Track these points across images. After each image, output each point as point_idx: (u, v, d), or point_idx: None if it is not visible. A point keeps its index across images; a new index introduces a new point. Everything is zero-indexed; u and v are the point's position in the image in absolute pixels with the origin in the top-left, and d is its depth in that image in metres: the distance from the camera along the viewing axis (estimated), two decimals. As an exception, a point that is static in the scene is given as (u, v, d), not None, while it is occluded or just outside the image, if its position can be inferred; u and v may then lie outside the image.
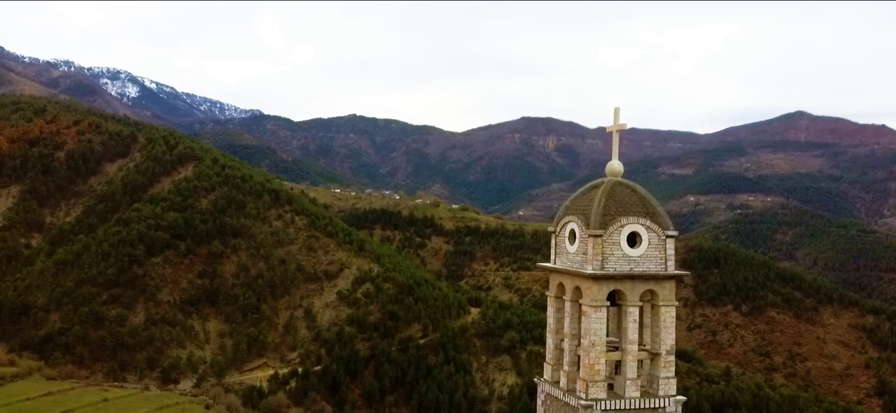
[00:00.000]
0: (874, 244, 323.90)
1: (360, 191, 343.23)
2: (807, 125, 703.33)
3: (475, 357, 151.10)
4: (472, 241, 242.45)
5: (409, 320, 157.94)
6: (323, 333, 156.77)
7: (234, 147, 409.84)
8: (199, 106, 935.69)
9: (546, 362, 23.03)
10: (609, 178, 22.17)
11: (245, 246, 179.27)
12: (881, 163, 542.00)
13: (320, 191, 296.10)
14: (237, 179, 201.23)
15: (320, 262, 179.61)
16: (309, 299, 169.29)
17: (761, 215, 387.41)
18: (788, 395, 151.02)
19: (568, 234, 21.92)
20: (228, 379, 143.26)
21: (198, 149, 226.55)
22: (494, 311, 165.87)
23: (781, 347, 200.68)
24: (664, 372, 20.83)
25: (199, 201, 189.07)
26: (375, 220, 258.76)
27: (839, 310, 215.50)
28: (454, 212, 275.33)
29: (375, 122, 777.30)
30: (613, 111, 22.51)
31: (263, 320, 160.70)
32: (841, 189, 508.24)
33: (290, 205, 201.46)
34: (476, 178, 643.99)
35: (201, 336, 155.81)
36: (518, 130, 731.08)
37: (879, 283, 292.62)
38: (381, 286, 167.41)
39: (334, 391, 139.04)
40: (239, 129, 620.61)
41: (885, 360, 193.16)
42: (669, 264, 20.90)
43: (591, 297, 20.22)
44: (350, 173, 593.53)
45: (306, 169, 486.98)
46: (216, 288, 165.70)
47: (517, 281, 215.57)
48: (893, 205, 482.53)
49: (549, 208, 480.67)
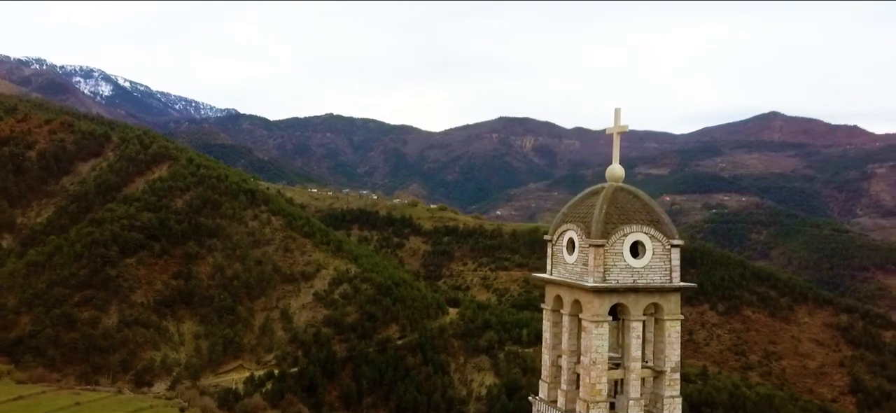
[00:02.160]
0: (847, 243, 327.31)
1: (338, 191, 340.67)
2: (781, 126, 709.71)
3: (453, 358, 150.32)
4: (450, 241, 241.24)
5: (387, 321, 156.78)
6: (300, 335, 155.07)
7: (210, 146, 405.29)
8: (175, 105, 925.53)
9: (542, 380, 21.55)
10: (610, 183, 20.86)
11: (221, 246, 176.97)
12: (853, 163, 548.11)
13: (297, 191, 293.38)
14: (213, 179, 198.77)
15: (297, 263, 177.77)
16: (285, 300, 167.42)
17: (736, 215, 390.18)
18: (765, 394, 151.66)
19: (566, 243, 20.58)
20: (204, 381, 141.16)
21: (173, 148, 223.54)
22: (473, 311, 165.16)
23: (757, 346, 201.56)
24: (669, 390, 19.57)
25: (174, 201, 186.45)
26: (353, 220, 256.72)
27: (813, 309, 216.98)
28: (432, 212, 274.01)
29: (353, 122, 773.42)
30: (614, 112, 21.23)
31: (239, 322, 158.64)
32: (814, 189, 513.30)
33: (266, 205, 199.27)
34: (454, 177, 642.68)
35: (176, 338, 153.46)
36: (496, 130, 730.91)
37: (852, 282, 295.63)
38: (358, 287, 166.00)
39: (311, 393, 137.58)
40: (215, 129, 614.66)
41: (858, 359, 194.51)
42: (675, 275, 19.66)
43: (593, 312, 18.90)
44: (327, 173, 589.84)
45: (283, 168, 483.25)
46: (191, 289, 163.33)
47: (495, 281, 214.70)
48: (866, 204, 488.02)
49: (527, 208, 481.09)
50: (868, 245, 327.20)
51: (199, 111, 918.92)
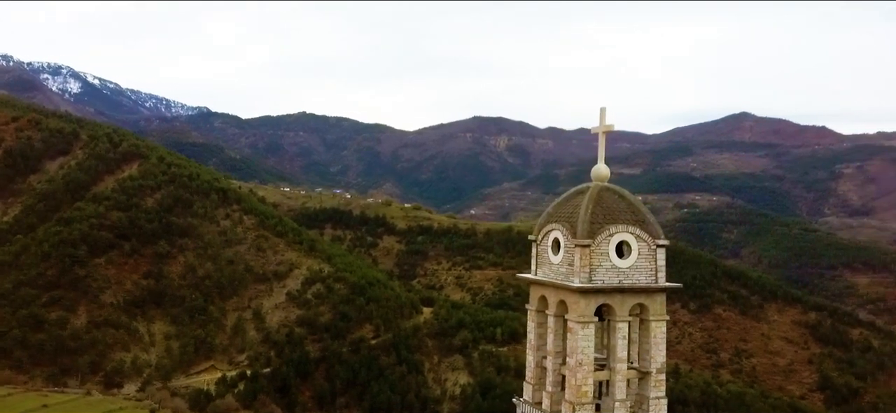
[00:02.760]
0: (815, 242, 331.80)
1: (311, 190, 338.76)
2: (751, 126, 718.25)
3: (427, 357, 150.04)
4: (424, 240, 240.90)
5: (361, 321, 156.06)
6: (272, 335, 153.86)
7: (181, 145, 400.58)
8: (145, 102, 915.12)
9: (526, 381, 21.20)
10: (595, 182, 20.56)
11: (192, 246, 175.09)
12: (822, 163, 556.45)
13: (269, 190, 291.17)
14: (184, 178, 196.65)
15: (269, 263, 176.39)
16: (258, 300, 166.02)
17: (708, 214, 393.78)
18: (736, 392, 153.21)
19: (551, 244, 20.24)
20: (175, 382, 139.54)
21: (143, 146, 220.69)
22: (447, 310, 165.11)
23: (728, 344, 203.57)
24: (654, 392, 19.40)
25: (144, 200, 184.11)
26: (326, 219, 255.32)
27: (783, 307, 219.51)
28: (406, 211, 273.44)
29: (326, 120, 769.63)
30: (599, 111, 20.91)
31: (211, 322, 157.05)
32: (784, 188, 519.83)
33: (238, 204, 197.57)
34: (428, 176, 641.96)
35: (146, 338, 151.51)
36: (470, 130, 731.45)
37: (820, 280, 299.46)
38: (332, 286, 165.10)
39: (284, 393, 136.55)
40: (186, 127, 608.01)
41: (826, 356, 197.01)
42: (660, 276, 19.48)
43: (579, 313, 18.62)
44: (300, 172, 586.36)
45: (255, 167, 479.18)
46: (162, 289, 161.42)
47: (470, 280, 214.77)
48: (834, 204, 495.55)
49: (501, 207, 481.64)
50: (836, 244, 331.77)
51: (170, 109, 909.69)
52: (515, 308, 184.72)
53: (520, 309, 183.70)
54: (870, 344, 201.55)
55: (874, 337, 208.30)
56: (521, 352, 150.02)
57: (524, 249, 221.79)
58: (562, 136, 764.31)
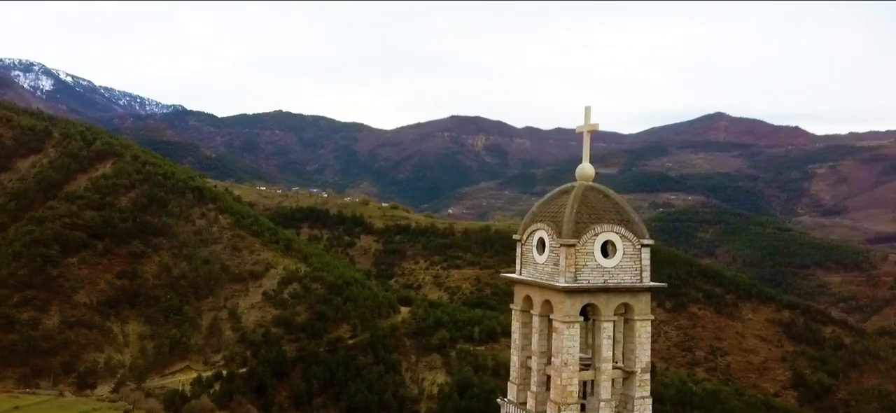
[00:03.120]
0: (789, 241, 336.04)
1: (287, 189, 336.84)
2: (726, 126, 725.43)
3: (405, 357, 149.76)
4: (402, 239, 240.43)
5: (338, 320, 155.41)
6: (248, 335, 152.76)
7: (156, 143, 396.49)
8: (119, 100, 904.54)
9: (510, 381, 21.14)
10: (580, 182, 20.46)
11: (167, 245, 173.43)
12: (795, 163, 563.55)
13: (245, 189, 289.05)
14: (159, 177, 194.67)
15: (245, 262, 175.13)
16: (234, 300, 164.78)
17: (683, 214, 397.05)
18: (711, 389, 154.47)
19: (536, 243, 20.14)
20: (149, 383, 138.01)
21: (117, 144, 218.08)
22: (425, 309, 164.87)
23: (703, 342, 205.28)
24: (639, 391, 19.35)
25: (118, 199, 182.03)
26: (303, 218, 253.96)
27: (757, 305, 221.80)
28: (384, 210, 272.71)
29: (303, 119, 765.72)
30: (584, 110, 20.76)
31: (186, 322, 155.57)
32: (758, 188, 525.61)
33: (214, 203, 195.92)
34: (406, 176, 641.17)
35: (120, 339, 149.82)
36: (448, 129, 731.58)
37: (794, 279, 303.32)
38: (308, 286, 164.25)
39: (261, 394, 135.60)
40: (161, 125, 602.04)
41: (799, 354, 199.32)
42: (645, 275, 19.41)
43: (564, 313, 18.52)
44: (276, 171, 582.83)
45: (231, 166, 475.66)
46: (136, 289, 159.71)
47: (447, 279, 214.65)
48: (807, 203, 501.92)
49: (478, 207, 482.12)
50: (809, 243, 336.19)
51: (145, 107, 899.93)
52: (493, 307, 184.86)
53: (498, 308, 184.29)
54: (842, 342, 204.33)
55: (846, 335, 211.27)
56: (498, 351, 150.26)
57: (502, 249, 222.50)
58: (539, 136, 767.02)
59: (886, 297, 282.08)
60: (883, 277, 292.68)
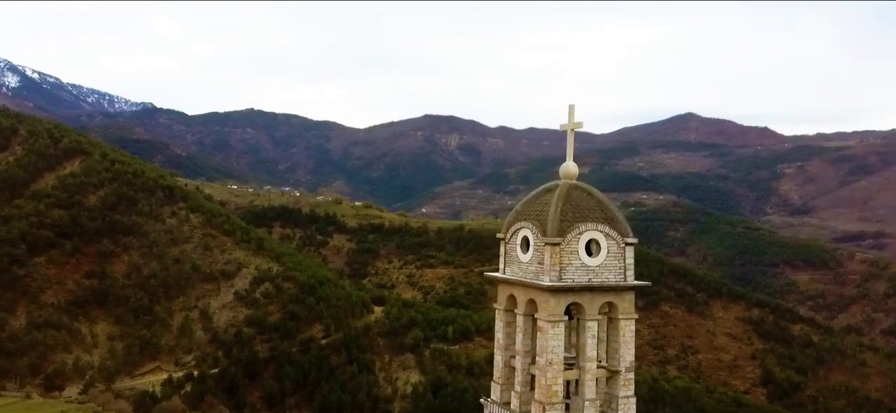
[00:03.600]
0: (758, 240, 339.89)
1: (259, 187, 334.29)
2: (697, 126, 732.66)
3: (379, 356, 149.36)
4: (375, 238, 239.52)
5: (311, 320, 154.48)
6: (220, 335, 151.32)
7: (125, 141, 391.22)
8: (87, 98, 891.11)
9: (494, 381, 20.94)
10: (564, 180, 20.32)
11: (137, 245, 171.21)
12: (764, 163, 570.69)
13: (216, 187, 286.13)
14: (128, 175, 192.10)
15: (217, 262, 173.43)
16: (205, 300, 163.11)
17: (654, 213, 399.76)
18: (682, 387, 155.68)
19: (520, 242, 19.96)
20: (119, 384, 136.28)
21: (85, 142, 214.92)
22: (398, 309, 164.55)
23: (675, 341, 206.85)
24: (623, 391, 19.31)
25: (87, 198, 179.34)
26: (275, 217, 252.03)
27: (728, 303, 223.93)
28: (357, 209, 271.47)
29: (274, 117, 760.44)
30: (568, 108, 20.65)
31: (157, 322, 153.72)
32: (728, 188, 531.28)
33: (184, 202, 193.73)
34: (379, 174, 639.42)
35: (89, 339, 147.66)
36: (421, 128, 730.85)
37: (763, 277, 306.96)
38: (281, 286, 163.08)
39: (232, 394, 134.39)
40: (130, 123, 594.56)
41: (769, 351, 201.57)
42: (629, 274, 19.36)
43: (549, 312, 18.36)
44: (248, 169, 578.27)
45: (202, 164, 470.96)
46: (105, 289, 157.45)
47: (421, 279, 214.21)
48: (775, 203, 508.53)
49: (452, 206, 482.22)
50: (778, 242, 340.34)
51: (114, 104, 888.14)
52: (467, 306, 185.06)
53: (471, 307, 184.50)
54: (810, 339, 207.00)
55: (814, 332, 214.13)
56: (472, 350, 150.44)
57: (475, 248, 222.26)
58: (512, 136, 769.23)
59: (853, 296, 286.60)
60: (849, 276, 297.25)
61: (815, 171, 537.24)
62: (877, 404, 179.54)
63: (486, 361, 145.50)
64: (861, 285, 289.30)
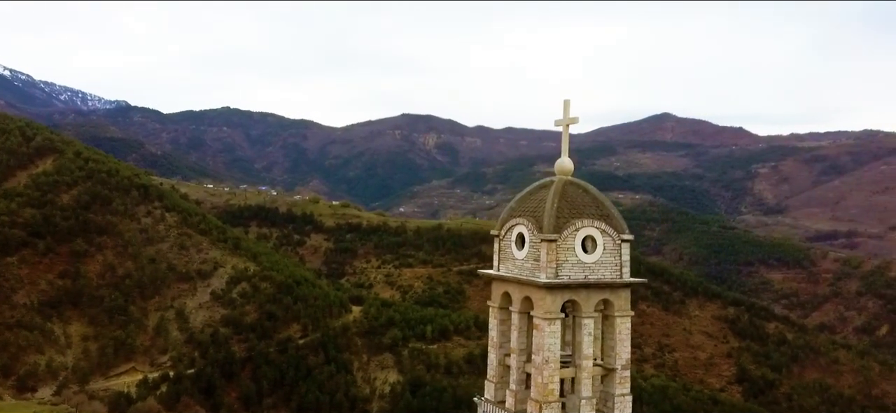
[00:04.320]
0: (733, 239, 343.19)
1: (235, 186, 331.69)
2: (672, 126, 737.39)
3: (357, 356, 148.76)
4: (353, 238, 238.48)
5: (288, 320, 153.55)
6: (196, 335, 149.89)
7: (99, 139, 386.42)
8: (59, 95, 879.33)
9: (488, 380, 20.63)
10: (559, 176, 20.10)
11: (111, 244, 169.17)
12: (739, 163, 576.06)
13: (192, 186, 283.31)
14: (102, 174, 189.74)
15: (193, 261, 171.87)
16: (181, 300, 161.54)
17: (631, 212, 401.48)
18: (659, 385, 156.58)
19: (515, 239, 19.69)
20: (93, 385, 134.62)
21: (58, 141, 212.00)
22: (376, 309, 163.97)
23: (651, 339, 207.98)
24: (620, 389, 19.06)
25: (59, 197, 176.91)
26: (251, 216, 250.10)
27: (703, 302, 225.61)
28: (335, 208, 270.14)
29: (250, 116, 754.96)
30: (563, 103, 20.46)
31: (131, 322, 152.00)
32: (703, 187, 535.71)
33: (160, 201, 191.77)
34: (356, 174, 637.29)
35: (62, 340, 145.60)
36: (399, 127, 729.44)
37: (738, 276, 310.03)
38: (258, 285, 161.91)
39: (209, 395, 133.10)
40: (103, 121, 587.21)
41: (744, 349, 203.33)
42: (625, 271, 19.14)
43: (545, 309, 18.10)
44: (223, 168, 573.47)
45: (177, 163, 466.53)
46: (79, 289, 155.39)
47: (400, 278, 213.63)
48: (750, 202, 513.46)
49: (430, 205, 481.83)
50: (752, 241, 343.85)
51: (87, 103, 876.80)
52: (445, 305, 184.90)
53: (450, 306, 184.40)
54: (785, 337, 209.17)
55: (788, 330, 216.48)
56: (450, 349, 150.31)
57: (454, 247, 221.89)
58: (490, 135, 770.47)
59: (826, 294, 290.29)
60: (822, 274, 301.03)
61: (788, 171, 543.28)
62: (849, 401, 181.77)
63: (465, 361, 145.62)
64: (834, 284, 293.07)
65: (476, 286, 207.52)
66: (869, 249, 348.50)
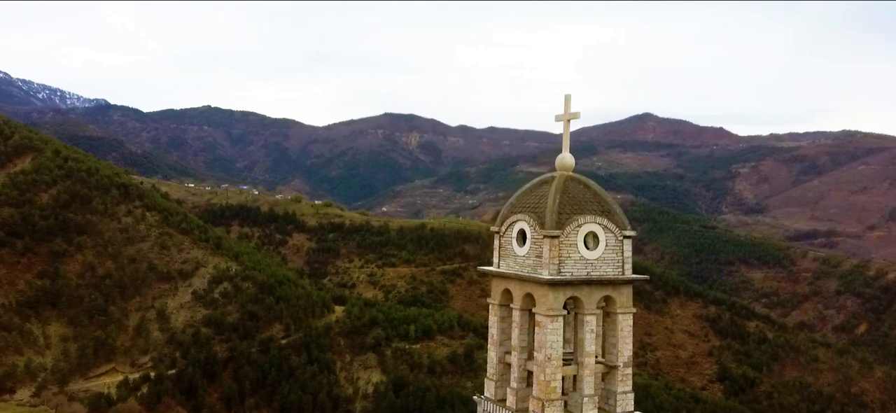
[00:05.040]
0: (714, 239, 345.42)
1: (216, 186, 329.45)
2: (654, 126, 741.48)
3: (339, 356, 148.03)
4: (335, 237, 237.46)
5: (271, 320, 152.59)
6: (178, 335, 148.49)
7: (78, 138, 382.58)
8: (38, 93, 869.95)
9: (488, 378, 20.34)
10: (559, 172, 19.88)
11: (91, 244, 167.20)
12: (719, 163, 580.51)
13: (173, 185, 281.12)
14: (82, 173, 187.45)
15: (174, 261, 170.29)
16: (162, 300, 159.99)
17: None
18: (641, 384, 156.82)
19: (516, 235, 19.44)
20: (73, 386, 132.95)
21: (37, 139, 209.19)
22: (359, 308, 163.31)
23: (634, 338, 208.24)
24: (621, 386, 18.91)
25: (38, 196, 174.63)
26: (233, 216, 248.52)
27: (685, 301, 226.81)
28: (317, 208, 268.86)
29: (232, 115, 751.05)
30: (564, 98, 20.25)
31: (112, 323, 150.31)
32: (684, 187, 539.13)
33: (140, 200, 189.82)
34: (338, 173, 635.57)
35: (41, 341, 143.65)
36: (381, 126, 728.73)
37: (719, 275, 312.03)
38: (239, 285, 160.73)
39: (190, 395, 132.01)
40: (82, 120, 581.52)
41: (725, 348, 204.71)
42: (627, 267, 18.97)
43: (548, 306, 17.86)
44: (204, 167, 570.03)
45: (157, 162, 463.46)
46: (58, 289, 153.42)
47: (382, 277, 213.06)
48: (730, 202, 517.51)
49: (412, 204, 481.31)
50: (733, 240, 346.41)
51: (66, 101, 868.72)
52: (428, 305, 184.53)
53: (433, 306, 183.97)
54: (765, 336, 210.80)
55: (769, 329, 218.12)
56: (434, 349, 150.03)
57: (437, 246, 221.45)
58: (472, 135, 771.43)
59: (805, 293, 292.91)
60: (802, 273, 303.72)
61: (768, 170, 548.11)
62: (828, 399, 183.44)
63: (448, 360, 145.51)
64: (813, 283, 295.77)
65: (459, 286, 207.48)
66: (847, 249, 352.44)
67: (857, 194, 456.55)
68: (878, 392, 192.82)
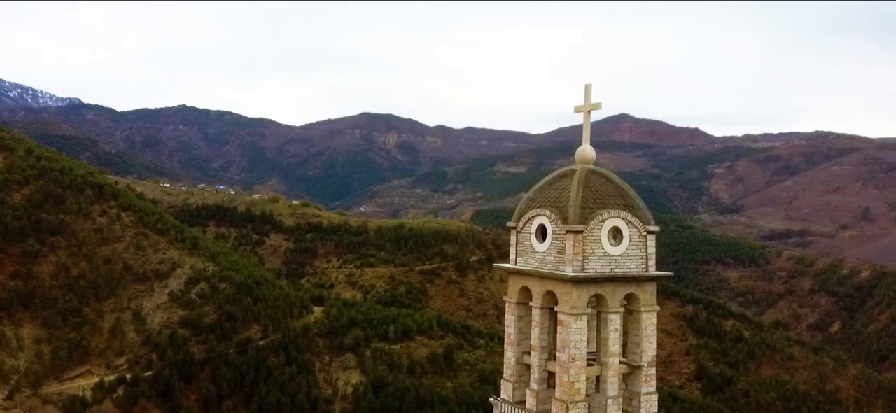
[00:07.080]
0: (690, 238, 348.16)
1: (192, 186, 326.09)
2: (630, 127, 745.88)
3: (318, 357, 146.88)
4: (313, 237, 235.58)
5: (248, 321, 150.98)
6: (154, 337, 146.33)
7: (50, 137, 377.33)
8: (9, 92, 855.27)
9: (505, 379, 19.58)
10: (580, 165, 19.24)
11: (65, 244, 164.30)
12: (695, 163, 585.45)
13: (148, 185, 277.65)
14: (55, 172, 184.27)
15: (150, 261, 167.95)
16: (137, 301, 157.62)
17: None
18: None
19: (536, 231, 18.66)
20: (46, 389, 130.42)
21: (8, 138, 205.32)
22: (338, 309, 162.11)
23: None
24: (645, 387, 18.33)
25: (10, 195, 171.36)
26: (209, 216, 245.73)
27: (662, 300, 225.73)
28: (294, 208, 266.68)
29: (207, 114, 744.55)
30: (584, 88, 19.60)
31: (86, 324, 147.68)
32: (660, 187, 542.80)
33: (115, 199, 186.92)
34: (315, 173, 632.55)
35: (14, 343, 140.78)
36: (358, 126, 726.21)
37: (696, 274, 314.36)
38: (216, 286, 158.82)
39: (167, 397, 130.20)
40: (55, 119, 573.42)
41: (702, 347, 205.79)
42: (651, 264, 18.41)
43: (571, 304, 17.14)
44: (180, 167, 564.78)
45: (132, 162, 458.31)
46: (31, 290, 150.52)
47: (361, 278, 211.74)
48: (706, 202, 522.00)
49: (390, 205, 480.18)
50: (709, 240, 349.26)
51: (38, 99, 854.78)
52: (408, 305, 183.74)
53: (412, 306, 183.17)
54: (741, 334, 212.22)
55: (745, 328, 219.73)
56: (413, 349, 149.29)
57: (416, 246, 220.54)
58: (450, 135, 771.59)
59: (780, 292, 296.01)
60: (777, 272, 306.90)
61: (743, 171, 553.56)
62: (804, 397, 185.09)
63: (428, 360, 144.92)
64: (788, 282, 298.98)
65: (438, 286, 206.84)
66: (821, 248, 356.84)
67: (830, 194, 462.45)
68: (852, 389, 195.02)
